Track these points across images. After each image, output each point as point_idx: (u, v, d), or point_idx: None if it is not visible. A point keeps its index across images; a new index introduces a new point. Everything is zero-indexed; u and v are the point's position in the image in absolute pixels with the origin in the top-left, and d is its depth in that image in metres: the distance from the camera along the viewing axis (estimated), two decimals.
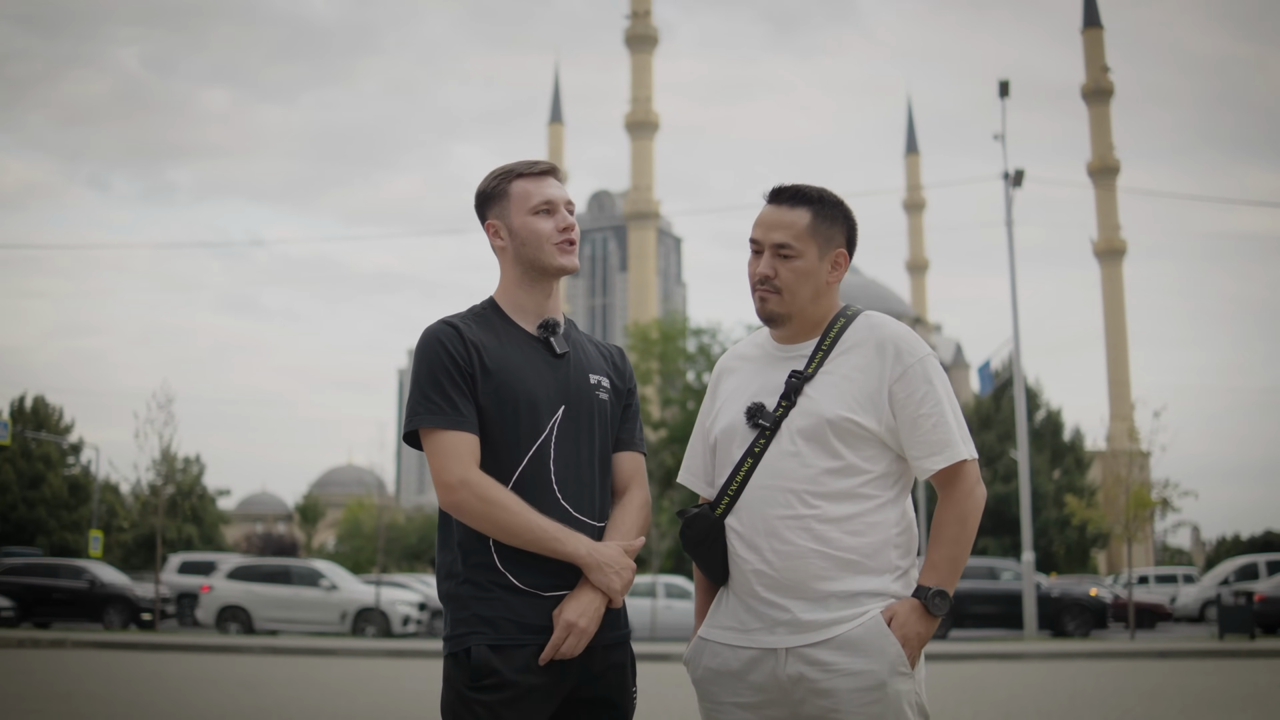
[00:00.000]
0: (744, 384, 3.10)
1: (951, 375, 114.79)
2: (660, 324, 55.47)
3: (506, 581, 2.88)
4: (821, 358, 3.01)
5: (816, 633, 2.85)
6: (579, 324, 3.36)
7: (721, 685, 2.98)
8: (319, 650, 22.55)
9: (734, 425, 3.04)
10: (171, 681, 15.62)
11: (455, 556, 2.95)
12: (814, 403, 2.95)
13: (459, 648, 2.87)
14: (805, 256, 3.02)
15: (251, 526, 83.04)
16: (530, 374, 2.97)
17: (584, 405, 3.03)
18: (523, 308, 3.09)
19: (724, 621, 3.00)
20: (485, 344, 2.96)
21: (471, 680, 2.83)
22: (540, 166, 3.11)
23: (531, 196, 3.06)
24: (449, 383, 2.90)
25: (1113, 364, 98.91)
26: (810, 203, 3.05)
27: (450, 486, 2.86)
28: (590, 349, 3.17)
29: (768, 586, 2.90)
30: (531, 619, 2.86)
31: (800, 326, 3.07)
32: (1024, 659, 20.92)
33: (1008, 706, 12.60)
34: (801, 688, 2.85)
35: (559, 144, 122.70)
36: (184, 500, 37.53)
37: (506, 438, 2.93)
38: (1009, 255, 31.35)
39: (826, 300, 3.08)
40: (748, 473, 2.97)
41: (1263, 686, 14.40)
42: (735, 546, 2.96)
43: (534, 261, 3.07)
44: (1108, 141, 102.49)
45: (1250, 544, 75.08)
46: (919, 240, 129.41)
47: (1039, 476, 53.08)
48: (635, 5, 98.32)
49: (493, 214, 3.11)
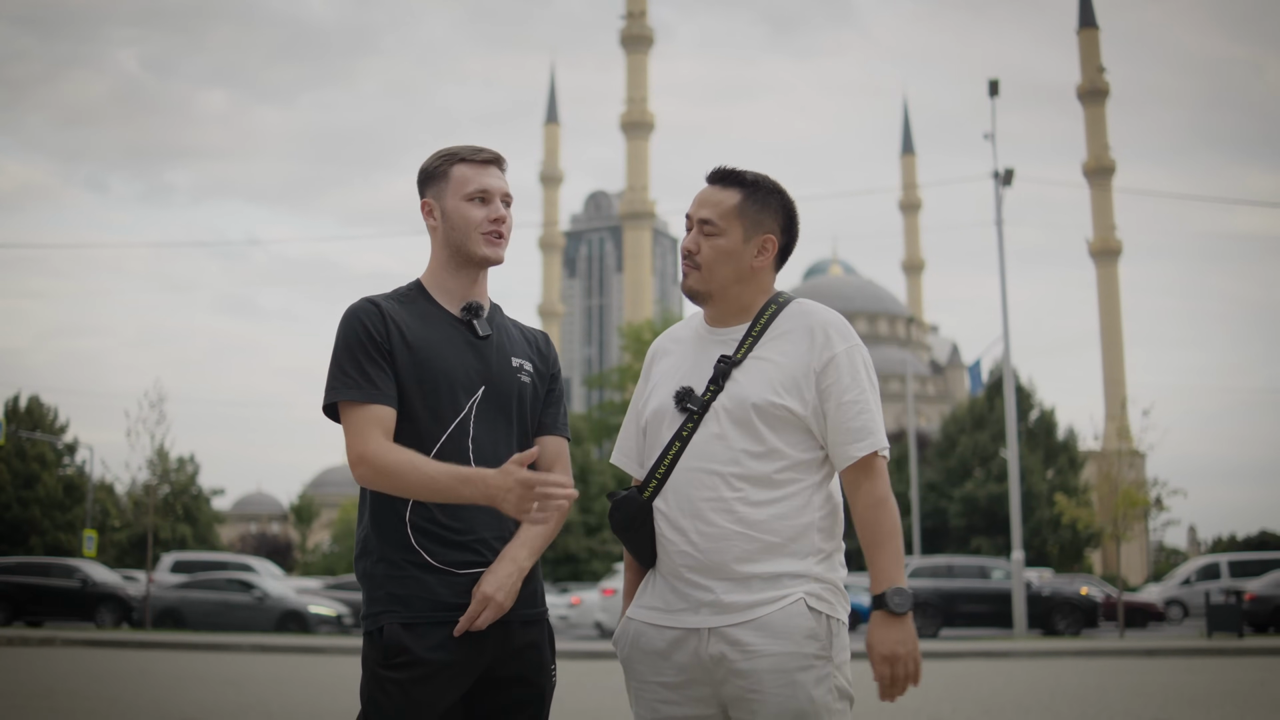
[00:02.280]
0: (675, 366, 3.11)
1: (948, 375, 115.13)
2: (653, 324, 55.60)
3: (420, 560, 2.90)
4: (751, 343, 3.03)
5: (738, 614, 2.87)
6: (576, 324, 3.42)
7: (647, 664, 3.00)
8: (306, 648, 22.57)
9: (663, 408, 3.06)
10: (158, 679, 15.62)
11: (369, 532, 2.98)
12: (741, 387, 2.97)
13: (373, 626, 2.90)
14: (728, 235, 3.03)
15: (246, 526, 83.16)
16: (450, 353, 3.00)
17: (504, 386, 3.05)
18: (448, 290, 3.11)
19: (650, 602, 3.02)
20: (407, 323, 3.00)
21: (383, 659, 2.86)
22: (484, 155, 3.13)
23: (469, 183, 3.08)
24: (364, 358, 2.94)
25: (1108, 364, 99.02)
26: (743, 185, 3.07)
27: (353, 462, 2.89)
28: (515, 333, 3.19)
29: (692, 568, 2.92)
30: (445, 597, 2.89)
31: (727, 308, 3.08)
32: (1011, 657, 20.94)
33: (989, 703, 12.63)
34: (722, 668, 2.88)
35: (555, 144, 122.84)
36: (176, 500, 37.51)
37: (426, 414, 2.96)
38: (999, 255, 31.40)
39: (755, 284, 3.09)
40: (675, 456, 2.98)
41: (1245, 684, 14.43)
42: (662, 528, 2.98)
43: (460, 247, 3.09)
44: (1103, 142, 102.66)
45: (1245, 543, 75.12)
46: (915, 240, 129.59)
47: (1032, 476, 53.14)
48: (631, 6, 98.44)
49: (430, 193, 3.14)
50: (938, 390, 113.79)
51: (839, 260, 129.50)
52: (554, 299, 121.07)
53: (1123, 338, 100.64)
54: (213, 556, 38.61)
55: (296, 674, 16.93)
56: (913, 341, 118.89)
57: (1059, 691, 13.93)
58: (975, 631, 29.09)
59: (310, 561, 66.73)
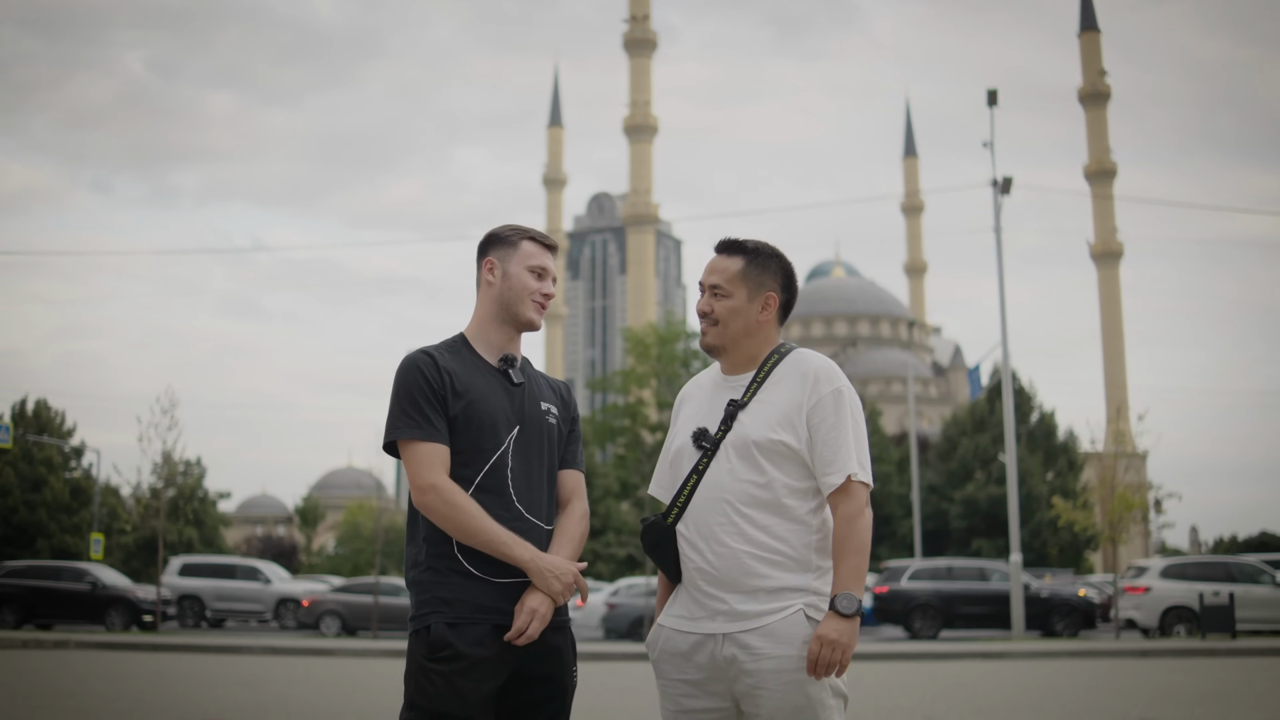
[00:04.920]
0: (696, 410, 3.68)
1: (949, 377, 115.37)
2: (656, 328, 55.87)
3: (463, 568, 3.43)
4: (755, 388, 3.57)
5: (748, 621, 3.41)
6: (580, 326, 3.98)
7: (672, 664, 3.54)
8: (318, 650, 22.98)
9: (684, 446, 3.62)
10: (174, 681, 16.04)
11: (420, 548, 3.51)
12: (744, 427, 3.52)
13: (420, 625, 3.42)
14: (735, 297, 3.60)
15: (251, 529, 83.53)
16: (491, 398, 3.54)
17: (535, 426, 3.60)
18: (490, 342, 3.66)
19: (677, 611, 3.58)
20: (455, 371, 3.53)
21: (429, 652, 3.37)
22: (550, 241, 3.74)
23: (533, 258, 3.68)
24: (424, 401, 3.47)
25: (1109, 366, 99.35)
26: (745, 253, 3.65)
27: (422, 489, 3.42)
28: (542, 382, 3.74)
29: (709, 581, 3.47)
30: (484, 600, 3.42)
31: (738, 359, 3.64)
32: (1007, 658, 21.32)
33: (981, 703, 13.03)
34: (734, 668, 3.41)
35: (558, 147, 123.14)
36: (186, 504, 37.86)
37: (471, 449, 3.49)
38: (998, 261, 31.87)
39: (761, 337, 3.64)
40: (693, 487, 3.54)
41: (1232, 684, 14.81)
42: (684, 549, 3.53)
43: (511, 306, 3.65)
44: (1104, 145, 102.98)
45: (1246, 545, 75.45)
46: (917, 243, 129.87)
47: (1032, 478, 53.42)
48: (634, 9, 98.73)
49: (495, 254, 3.69)
50: (940, 392, 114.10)
51: (842, 262, 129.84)
52: (557, 301, 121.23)
53: (1124, 340, 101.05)
54: (221, 559, 38.95)
55: (308, 675, 17.35)
56: (915, 344, 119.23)
57: (1050, 691, 14.33)
58: (974, 633, 29.44)
59: (315, 564, 67.08)
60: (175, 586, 32.39)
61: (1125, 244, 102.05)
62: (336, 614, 30.58)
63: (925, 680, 15.93)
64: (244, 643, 24.34)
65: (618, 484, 52.10)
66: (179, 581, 32.98)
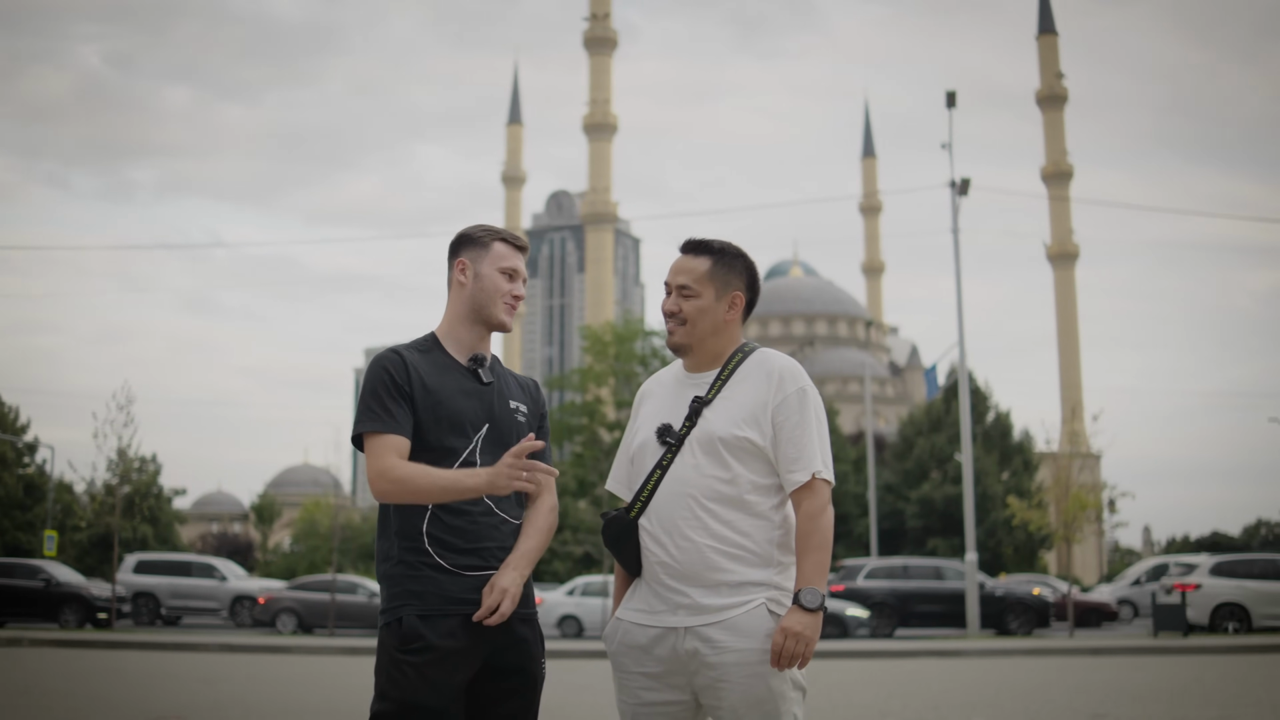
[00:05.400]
0: (658, 406, 3.70)
1: (906, 376, 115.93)
2: (614, 327, 55.92)
3: (434, 562, 3.47)
4: (720, 385, 3.61)
5: (710, 615, 3.44)
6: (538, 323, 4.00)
7: (631, 657, 3.56)
8: (275, 648, 22.91)
9: (647, 442, 3.64)
10: (131, 678, 15.97)
11: (392, 543, 3.55)
12: (710, 423, 3.55)
13: (392, 618, 3.47)
14: (703, 297, 3.63)
15: (207, 526, 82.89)
16: (460, 397, 3.59)
17: (504, 425, 3.65)
18: (460, 342, 3.70)
19: (636, 605, 3.59)
20: (424, 369, 3.58)
21: (401, 644, 3.42)
22: (521, 242, 3.78)
23: (505, 258, 3.72)
24: (386, 395, 3.52)
25: (1064, 366, 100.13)
26: (711, 253, 3.67)
27: (374, 478, 3.48)
28: (511, 381, 3.79)
29: (671, 575, 3.49)
30: (455, 593, 3.46)
31: (703, 357, 3.67)
32: (962, 656, 21.50)
33: (938, 700, 13.15)
34: (695, 661, 3.44)
35: (517, 145, 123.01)
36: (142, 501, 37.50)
37: (440, 447, 3.54)
38: (955, 262, 32.15)
39: (726, 336, 3.67)
40: (657, 482, 3.56)
41: (1183, 681, 15.02)
42: (646, 543, 3.55)
43: (483, 307, 3.69)
44: (1061, 147, 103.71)
45: (1199, 544, 76.33)
46: (875, 243, 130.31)
47: (988, 478, 53.74)
48: (595, 7, 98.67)
49: (467, 255, 3.72)
50: (897, 392, 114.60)
51: (800, 262, 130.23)
52: None
53: (1079, 340, 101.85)
54: (176, 557, 38.73)
55: (266, 672, 17.30)
56: (872, 343, 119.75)
57: (1005, 688, 14.49)
58: (930, 631, 29.65)
59: (271, 561, 66.69)
60: (130, 584, 32.17)
61: (1081, 245, 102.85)
62: (293, 611, 30.52)
63: (882, 678, 16.07)
64: (200, 640, 24.24)
65: (575, 482, 52.05)
66: (134, 579, 32.76)
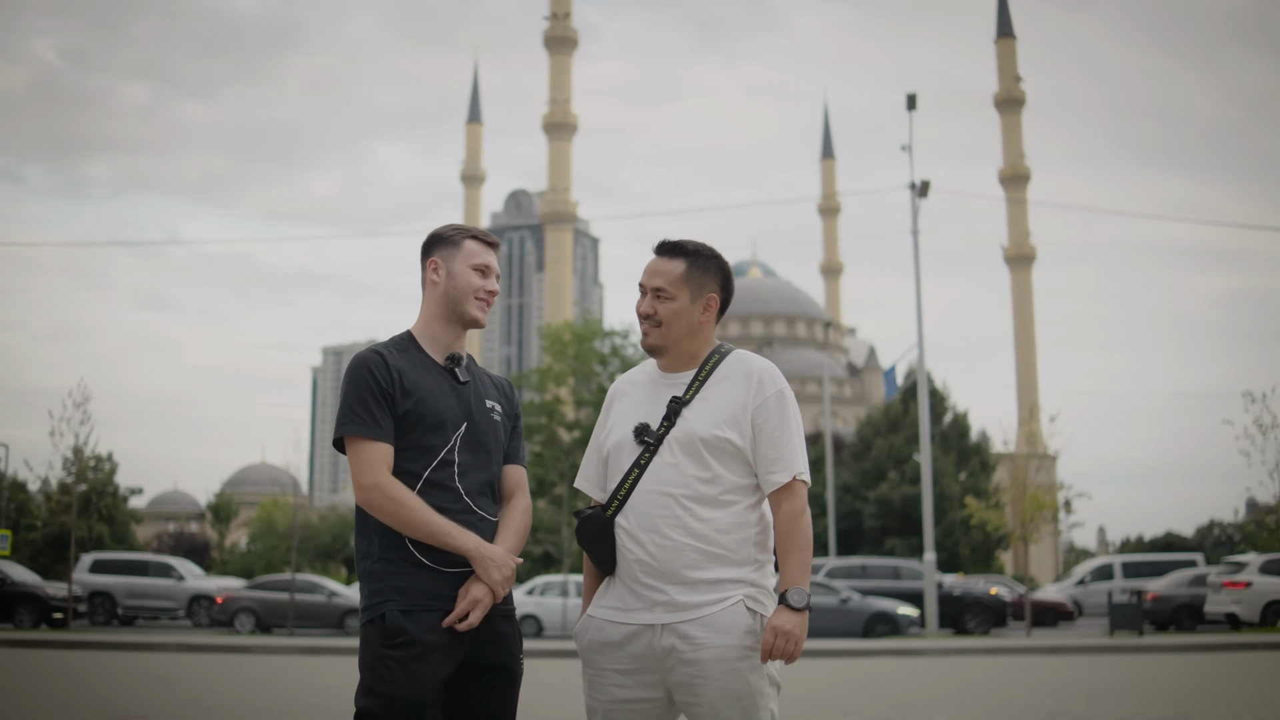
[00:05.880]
0: (633, 406, 3.72)
1: (864, 377, 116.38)
2: (573, 326, 55.84)
3: (415, 559, 3.53)
4: (698, 386, 3.64)
5: (688, 612, 3.47)
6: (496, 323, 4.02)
7: (604, 654, 3.59)
8: (235, 648, 22.80)
9: (623, 441, 3.66)
10: (90, 678, 15.86)
11: (372, 540, 3.59)
12: (689, 423, 3.58)
13: (375, 614, 3.51)
14: (678, 299, 3.66)
15: (163, 525, 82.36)
16: (439, 396, 3.64)
17: (482, 423, 3.70)
18: (436, 340, 3.75)
19: (609, 603, 3.62)
20: (404, 369, 3.62)
21: (385, 640, 3.46)
22: (491, 239, 3.82)
23: (476, 255, 3.76)
24: (372, 400, 3.55)
25: (1021, 368, 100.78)
26: (686, 255, 3.70)
27: (364, 487, 3.51)
28: (486, 380, 3.85)
29: (648, 573, 3.52)
30: (435, 589, 3.52)
31: (678, 358, 3.70)
32: (922, 655, 21.64)
33: (899, 698, 13.25)
34: (672, 658, 3.47)
35: (477, 143, 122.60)
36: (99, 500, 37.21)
37: (419, 446, 3.59)
38: (915, 263, 32.29)
39: (701, 337, 3.71)
40: (634, 480, 3.58)
41: (1141, 679, 15.18)
42: (623, 540, 3.57)
43: (456, 304, 3.74)
44: (1019, 149, 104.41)
45: (1152, 544, 77.13)
46: (833, 244, 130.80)
47: (945, 479, 54.05)
48: (555, 7, 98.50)
49: (439, 254, 3.77)
50: (854, 393, 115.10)
51: (758, 263, 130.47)
52: None
53: (1035, 342, 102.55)
54: (133, 556, 38.39)
55: (227, 672, 17.21)
56: (830, 344, 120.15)
57: (966, 687, 14.60)
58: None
59: (228, 561, 66.30)
60: (86, 583, 31.89)
61: (1038, 248, 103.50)
62: (251, 611, 30.37)
63: (842, 677, 16.16)
64: (159, 640, 24.09)
65: (534, 482, 51.93)
66: (90, 578, 32.47)
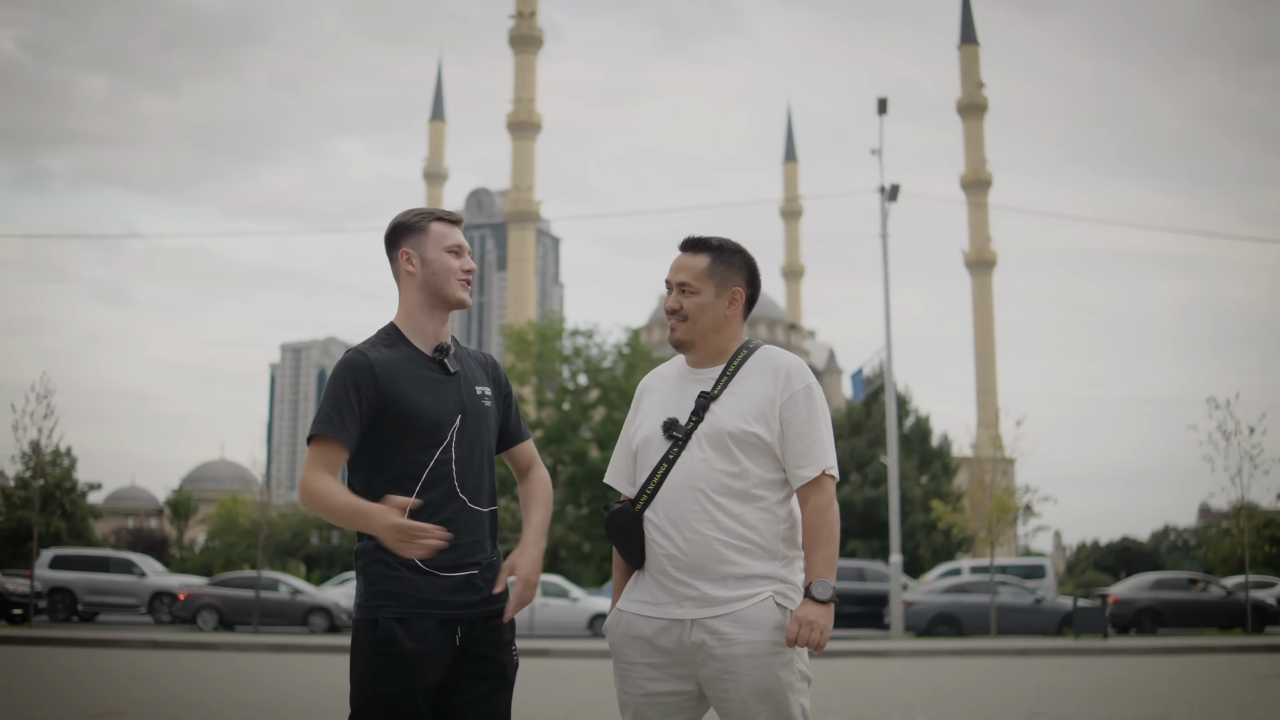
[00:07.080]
0: (661, 401, 3.73)
1: (823, 380, 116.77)
2: (536, 326, 55.74)
3: (411, 563, 3.46)
4: (726, 381, 3.66)
5: (718, 607, 3.48)
6: (457, 322, 3.97)
7: (634, 648, 3.60)
8: (200, 645, 22.66)
9: (652, 436, 3.67)
10: (56, 675, 15.73)
11: (372, 538, 3.47)
12: (718, 418, 3.60)
13: (369, 616, 3.48)
14: (703, 293, 3.69)
15: (121, 521, 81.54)
16: (431, 394, 3.57)
17: (476, 413, 3.65)
18: (422, 330, 3.67)
19: (639, 596, 3.63)
20: (393, 368, 3.54)
21: (377, 646, 3.43)
22: (455, 216, 3.75)
23: (447, 237, 3.68)
24: (343, 402, 3.48)
25: (981, 372, 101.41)
26: (710, 250, 3.73)
27: (300, 486, 3.45)
28: (472, 364, 3.77)
29: (678, 568, 3.53)
30: (430, 595, 3.47)
31: (706, 353, 3.72)
32: (890, 656, 21.75)
33: (875, 698, 13.32)
34: (702, 653, 3.48)
35: (439, 141, 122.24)
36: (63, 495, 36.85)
37: (415, 444, 3.52)
38: (883, 267, 32.28)
39: (728, 332, 3.73)
40: (663, 475, 3.60)
41: (1109, 680, 15.32)
42: (652, 535, 3.59)
43: (439, 290, 3.66)
44: (981, 155, 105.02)
45: (1108, 549, 77.65)
46: (795, 247, 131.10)
47: (907, 481, 54.21)
48: (520, 6, 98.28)
49: (408, 244, 3.68)
50: None
51: None
52: None
53: (995, 347, 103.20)
54: (93, 552, 38.07)
55: (195, 669, 17.11)
56: (792, 347, 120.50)
57: (939, 687, 14.69)
58: (852, 633, 29.89)
59: (187, 558, 65.84)
60: (46, 579, 31.62)
61: (999, 253, 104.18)
62: (214, 608, 30.19)
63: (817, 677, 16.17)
64: (124, 636, 23.90)
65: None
66: (50, 574, 32.22)
